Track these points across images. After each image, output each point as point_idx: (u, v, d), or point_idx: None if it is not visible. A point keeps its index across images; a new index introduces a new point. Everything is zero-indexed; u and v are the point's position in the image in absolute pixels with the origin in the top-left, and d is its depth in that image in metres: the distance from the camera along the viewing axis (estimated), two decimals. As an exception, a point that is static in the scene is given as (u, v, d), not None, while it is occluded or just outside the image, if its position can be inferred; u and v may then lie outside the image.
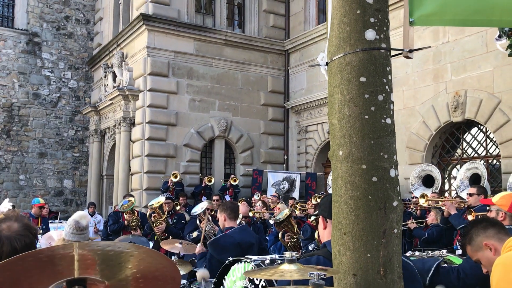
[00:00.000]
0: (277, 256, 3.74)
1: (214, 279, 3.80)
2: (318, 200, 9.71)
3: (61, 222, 9.88)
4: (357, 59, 1.95)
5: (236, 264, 3.63)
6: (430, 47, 5.65)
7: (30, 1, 15.90)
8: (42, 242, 4.52)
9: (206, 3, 14.20)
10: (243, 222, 6.81)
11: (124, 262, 1.23)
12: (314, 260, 2.12)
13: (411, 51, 2.04)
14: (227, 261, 3.71)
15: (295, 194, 12.87)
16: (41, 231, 6.92)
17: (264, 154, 14.19)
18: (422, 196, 7.37)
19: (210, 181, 12.45)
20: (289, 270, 1.59)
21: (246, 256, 3.70)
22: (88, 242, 1.24)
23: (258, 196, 11.34)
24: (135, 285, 1.29)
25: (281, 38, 14.63)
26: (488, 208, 4.36)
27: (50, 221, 10.04)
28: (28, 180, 15.53)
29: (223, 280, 3.71)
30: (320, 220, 2.28)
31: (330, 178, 11.81)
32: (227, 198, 12.18)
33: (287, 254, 1.67)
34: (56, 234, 4.90)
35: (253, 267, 3.36)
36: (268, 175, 13.34)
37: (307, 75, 13.99)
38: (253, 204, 10.44)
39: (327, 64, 2.11)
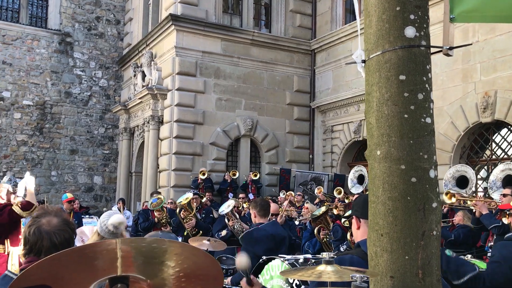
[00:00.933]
0: (310, 256, 3.71)
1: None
2: (340, 195, 9.65)
3: (91, 217, 10.08)
4: (396, 57, 1.91)
5: (270, 262, 3.62)
6: (471, 44, 5.46)
7: (63, 2, 16.26)
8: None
9: (233, 4, 14.25)
10: (273, 218, 6.81)
11: (168, 260, 1.21)
12: (348, 259, 2.09)
13: (451, 48, 1.99)
14: (261, 260, 3.70)
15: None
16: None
17: (289, 153, 14.15)
18: (447, 193, 7.18)
19: (234, 174, 12.52)
20: (326, 272, 1.56)
21: (279, 255, 3.69)
22: (133, 238, 1.22)
23: (284, 194, 11.32)
24: (177, 284, 1.27)
25: (307, 37, 14.55)
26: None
27: (82, 216, 10.26)
28: (60, 176, 15.89)
29: (257, 279, 3.71)
30: (354, 220, 2.24)
31: (351, 175, 11.67)
32: (251, 196, 12.18)
33: (324, 255, 1.65)
34: (88, 230, 5.00)
35: (287, 266, 3.34)
36: (296, 174, 13.30)
37: (333, 74, 13.87)
38: (279, 202, 10.42)
39: (363, 61, 2.08)
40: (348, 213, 5.60)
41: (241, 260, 2.14)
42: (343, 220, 5.85)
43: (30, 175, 5.77)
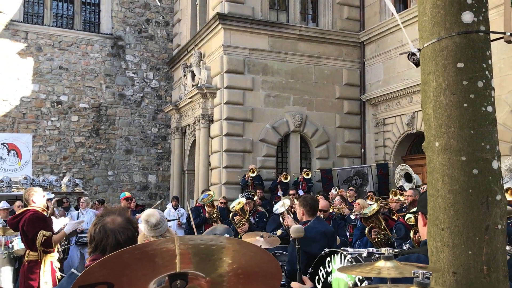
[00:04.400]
0: (374, 250, 3.64)
1: (310, 269, 3.77)
2: (396, 197, 9.39)
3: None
4: (454, 44, 1.83)
5: (332, 255, 3.59)
6: None
7: (114, 7, 16.81)
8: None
9: (279, -1, 14.21)
10: (321, 215, 6.73)
11: (226, 257, 1.21)
12: (414, 258, 2.03)
13: (513, 34, 1.88)
14: (323, 252, 3.67)
15: (369, 188, 12.53)
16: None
17: (340, 148, 13.96)
18: (506, 190, 6.85)
19: (286, 178, 12.45)
20: (386, 268, 1.52)
21: (342, 248, 3.65)
22: (191, 236, 1.23)
23: (336, 190, 11.17)
24: (235, 280, 1.27)
25: (356, 30, 14.28)
26: None
27: (137, 214, 10.58)
28: (116, 175, 16.48)
29: (319, 271, 3.68)
30: (420, 217, 2.17)
31: (397, 175, 11.35)
32: (301, 192, 12.12)
33: (384, 250, 1.61)
34: (141, 226, 5.14)
35: (350, 259, 3.30)
36: (337, 172, 13.09)
37: (384, 66, 13.54)
38: (330, 198, 10.30)
39: (419, 50, 2.00)
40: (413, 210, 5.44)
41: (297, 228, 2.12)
42: (407, 217, 5.69)
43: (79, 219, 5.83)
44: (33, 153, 13.90)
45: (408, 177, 11.27)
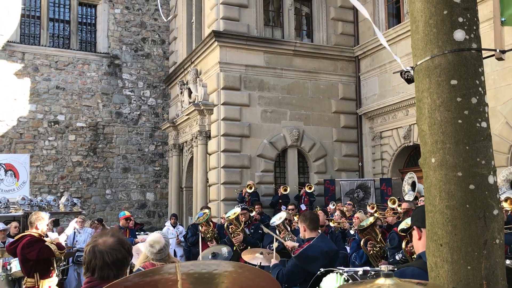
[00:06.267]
0: (369, 268, 3.64)
1: None
2: (394, 205, 9.40)
3: (147, 234, 10.31)
4: (446, 61, 1.87)
5: (328, 274, 3.58)
6: None
7: (110, 26, 16.95)
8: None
9: (274, 16, 14.36)
10: (320, 231, 6.73)
11: (227, 280, 1.22)
12: (409, 272, 2.04)
13: (503, 51, 1.92)
14: (318, 272, 3.66)
15: (371, 201, 12.52)
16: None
17: (338, 162, 13.98)
18: (506, 200, 6.87)
19: (286, 190, 12.48)
20: (386, 285, 1.53)
21: (338, 268, 3.64)
22: (192, 262, 1.24)
23: (334, 205, 11.16)
24: None
25: (350, 44, 14.42)
26: None
27: (136, 233, 10.55)
28: (114, 194, 16.43)
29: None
30: (415, 231, 2.19)
31: (405, 182, 11.36)
32: (303, 207, 12.11)
33: (383, 267, 1.62)
34: (143, 247, 5.12)
35: (346, 278, 3.29)
36: (341, 184, 13.10)
37: (379, 80, 13.65)
38: (329, 213, 10.29)
39: (412, 68, 2.04)
40: (406, 222, 5.45)
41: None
42: (399, 227, 5.69)
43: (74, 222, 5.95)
44: (31, 173, 13.86)
45: (414, 186, 11.24)
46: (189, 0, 15.99)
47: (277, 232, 6.98)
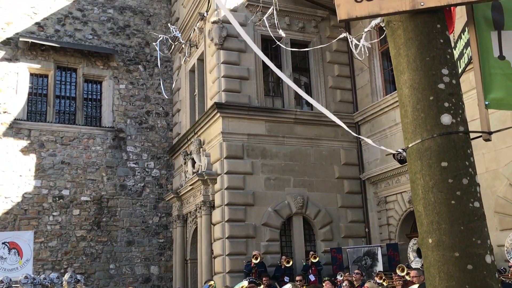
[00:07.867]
0: None
1: None
2: (403, 273, 9.19)
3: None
4: (436, 144, 1.96)
5: None
6: (511, 127, 5.33)
7: (115, 101, 17.45)
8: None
9: (274, 86, 14.83)
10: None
11: None
12: None
13: (490, 133, 2.02)
14: None
15: (379, 268, 12.23)
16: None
17: (344, 229, 13.82)
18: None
19: (288, 262, 12.19)
20: None
21: None
22: None
23: (341, 276, 10.91)
24: None
25: (349, 111, 14.74)
26: None
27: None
28: (118, 268, 16.13)
29: None
30: None
31: (409, 249, 11.19)
32: (311, 277, 11.82)
33: None
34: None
35: None
36: (347, 252, 12.86)
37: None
38: (337, 284, 10.06)
39: (404, 150, 2.13)
40: None
41: None
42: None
43: None
44: (35, 250, 13.72)
45: (419, 252, 11.09)
46: (192, 75, 16.58)
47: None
